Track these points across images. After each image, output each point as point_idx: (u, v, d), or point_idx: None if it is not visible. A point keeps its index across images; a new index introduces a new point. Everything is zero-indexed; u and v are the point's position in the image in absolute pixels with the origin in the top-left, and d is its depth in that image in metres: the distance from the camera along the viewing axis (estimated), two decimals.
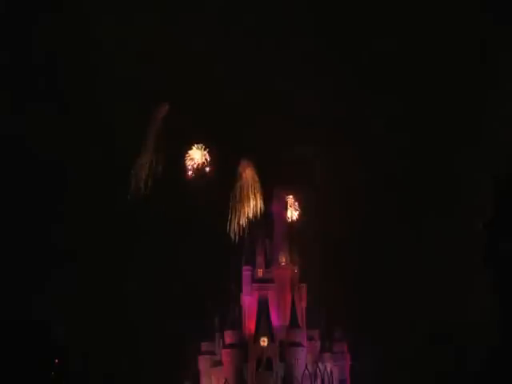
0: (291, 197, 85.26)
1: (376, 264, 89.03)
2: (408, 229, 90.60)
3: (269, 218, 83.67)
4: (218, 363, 79.68)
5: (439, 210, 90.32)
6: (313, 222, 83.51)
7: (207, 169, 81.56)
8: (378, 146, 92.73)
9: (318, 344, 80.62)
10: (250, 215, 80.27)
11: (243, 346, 78.07)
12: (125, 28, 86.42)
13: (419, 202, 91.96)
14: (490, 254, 69.99)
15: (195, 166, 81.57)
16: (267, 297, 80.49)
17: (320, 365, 78.16)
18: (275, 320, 79.55)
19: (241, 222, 79.76)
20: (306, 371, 76.43)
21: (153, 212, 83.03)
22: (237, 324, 79.76)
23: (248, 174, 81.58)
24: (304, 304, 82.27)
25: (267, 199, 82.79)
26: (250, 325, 79.60)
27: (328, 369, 78.28)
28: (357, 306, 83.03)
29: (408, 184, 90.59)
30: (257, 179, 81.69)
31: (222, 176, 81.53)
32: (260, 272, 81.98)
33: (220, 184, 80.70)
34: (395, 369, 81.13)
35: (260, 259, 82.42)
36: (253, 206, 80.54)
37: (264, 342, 77.67)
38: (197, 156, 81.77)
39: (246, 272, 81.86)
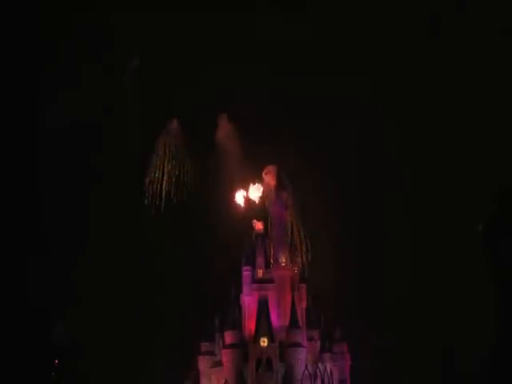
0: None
1: (376, 264, 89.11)
2: (407, 229, 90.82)
3: (268, 216, 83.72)
4: (218, 363, 79.63)
5: (440, 212, 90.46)
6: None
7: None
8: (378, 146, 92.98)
9: (317, 344, 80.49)
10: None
11: (243, 347, 77.98)
12: None
13: (421, 204, 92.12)
14: (489, 253, 70.03)
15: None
16: (267, 297, 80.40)
17: (320, 365, 78.08)
18: (275, 320, 79.46)
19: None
20: (306, 371, 76.36)
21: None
22: (237, 324, 79.68)
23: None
24: (304, 304, 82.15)
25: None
26: (250, 325, 79.52)
27: (328, 369, 78.17)
28: (357, 307, 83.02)
29: (410, 185, 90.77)
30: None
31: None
32: (260, 272, 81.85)
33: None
34: (395, 369, 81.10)
35: (260, 259, 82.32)
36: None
37: (264, 342, 77.60)
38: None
39: (245, 272, 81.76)
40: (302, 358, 77.49)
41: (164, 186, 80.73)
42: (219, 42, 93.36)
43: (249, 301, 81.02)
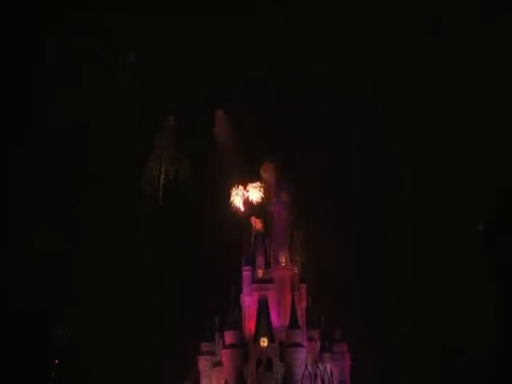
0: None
1: (376, 264, 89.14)
2: (407, 229, 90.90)
3: (268, 216, 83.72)
4: (218, 364, 79.52)
5: (440, 212, 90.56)
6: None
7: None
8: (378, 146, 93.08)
9: (317, 344, 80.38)
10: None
11: (243, 347, 77.88)
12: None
13: (421, 203, 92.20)
14: (489, 253, 70.09)
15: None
16: (267, 297, 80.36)
17: (320, 365, 77.98)
18: (275, 320, 79.38)
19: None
20: (306, 371, 76.30)
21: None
22: (237, 324, 79.59)
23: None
24: (304, 304, 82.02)
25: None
26: (250, 325, 79.46)
27: (328, 369, 78.08)
28: (357, 307, 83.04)
29: (410, 185, 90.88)
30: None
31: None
32: (260, 272, 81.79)
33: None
34: (395, 369, 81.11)
35: (260, 259, 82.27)
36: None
37: (264, 342, 77.55)
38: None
39: (245, 272, 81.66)
40: (302, 358, 77.40)
41: (162, 184, 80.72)
42: (219, 42, 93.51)
43: (249, 301, 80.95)
